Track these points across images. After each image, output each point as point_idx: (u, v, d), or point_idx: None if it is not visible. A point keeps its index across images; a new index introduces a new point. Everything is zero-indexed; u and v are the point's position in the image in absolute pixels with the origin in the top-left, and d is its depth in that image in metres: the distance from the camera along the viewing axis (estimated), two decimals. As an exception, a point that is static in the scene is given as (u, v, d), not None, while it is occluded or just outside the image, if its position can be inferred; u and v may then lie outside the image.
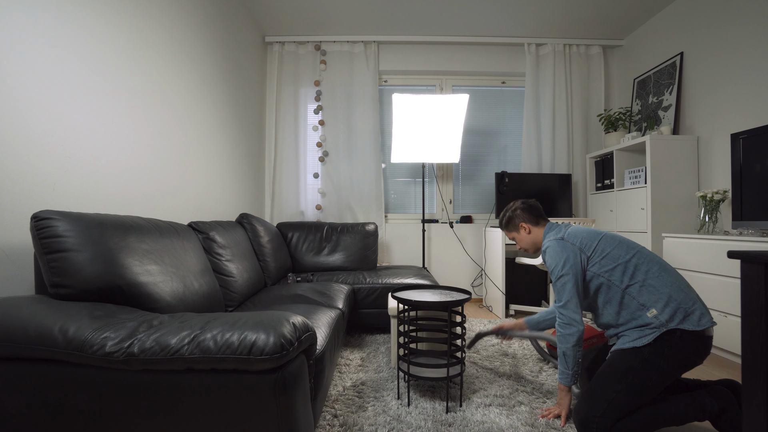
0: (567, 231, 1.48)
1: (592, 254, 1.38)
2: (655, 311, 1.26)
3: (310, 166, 3.51)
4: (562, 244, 1.42)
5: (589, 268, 1.38)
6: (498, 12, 3.10)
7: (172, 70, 1.99)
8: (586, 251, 1.39)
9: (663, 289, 1.28)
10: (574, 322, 1.34)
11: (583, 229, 1.46)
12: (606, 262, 1.36)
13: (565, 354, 1.37)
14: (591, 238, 1.41)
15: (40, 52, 1.25)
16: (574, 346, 1.35)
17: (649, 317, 1.27)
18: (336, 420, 1.40)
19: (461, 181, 3.65)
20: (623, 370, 1.25)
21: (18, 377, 0.87)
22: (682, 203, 2.68)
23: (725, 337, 2.06)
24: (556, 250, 1.42)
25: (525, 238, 1.61)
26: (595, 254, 1.38)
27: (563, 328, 1.36)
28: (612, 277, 1.34)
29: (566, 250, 1.40)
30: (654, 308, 1.27)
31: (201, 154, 2.30)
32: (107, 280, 1.06)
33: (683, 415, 1.23)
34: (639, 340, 1.26)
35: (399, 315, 1.63)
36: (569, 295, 1.36)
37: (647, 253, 1.36)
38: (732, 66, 2.46)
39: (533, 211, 1.61)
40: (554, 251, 1.42)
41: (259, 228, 2.41)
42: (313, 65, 3.46)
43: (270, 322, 0.89)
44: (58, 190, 1.32)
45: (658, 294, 1.28)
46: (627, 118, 3.28)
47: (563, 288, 1.37)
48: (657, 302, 1.27)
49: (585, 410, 1.25)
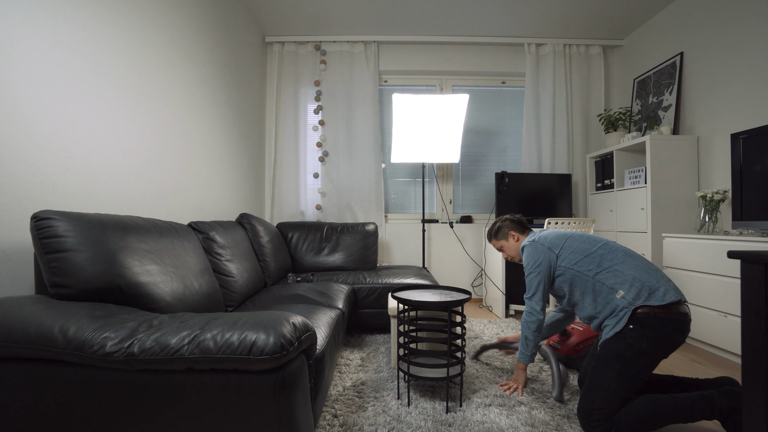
0: (539, 234, 1.68)
1: (560, 252, 1.55)
2: (623, 292, 1.36)
3: (310, 166, 3.51)
4: (534, 246, 1.62)
5: (559, 264, 1.54)
6: (498, 12, 3.10)
7: (172, 70, 1.99)
8: (554, 249, 1.56)
9: (628, 272, 1.39)
10: (535, 312, 1.57)
11: (553, 232, 1.66)
12: (574, 256, 1.51)
13: (527, 338, 1.59)
14: (559, 238, 1.59)
15: (40, 52, 1.25)
16: (534, 332, 1.58)
17: (618, 299, 1.36)
18: (336, 420, 1.40)
19: (461, 181, 3.65)
20: (611, 358, 1.32)
21: (18, 377, 0.87)
22: (682, 203, 2.68)
23: (725, 337, 2.06)
24: (530, 251, 1.63)
25: (513, 246, 1.79)
26: (563, 251, 1.55)
27: (527, 315, 1.58)
28: (581, 268, 1.48)
29: (537, 251, 1.59)
30: (621, 289, 1.37)
31: (201, 154, 2.30)
32: (107, 280, 1.06)
33: (689, 410, 1.24)
34: (618, 325, 1.34)
35: (399, 315, 1.63)
36: (535, 289, 1.57)
37: (612, 244, 1.49)
38: (732, 66, 2.46)
39: (521, 222, 1.82)
40: (528, 252, 1.63)
41: (259, 228, 2.41)
42: (313, 65, 3.46)
43: (270, 322, 0.89)
44: (58, 190, 1.32)
45: (623, 276, 1.38)
46: (627, 118, 3.28)
47: (531, 283, 1.58)
48: (623, 284, 1.37)
49: (584, 405, 1.32)
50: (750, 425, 0.85)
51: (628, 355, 1.30)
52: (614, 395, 1.27)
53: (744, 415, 0.86)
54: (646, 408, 1.24)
